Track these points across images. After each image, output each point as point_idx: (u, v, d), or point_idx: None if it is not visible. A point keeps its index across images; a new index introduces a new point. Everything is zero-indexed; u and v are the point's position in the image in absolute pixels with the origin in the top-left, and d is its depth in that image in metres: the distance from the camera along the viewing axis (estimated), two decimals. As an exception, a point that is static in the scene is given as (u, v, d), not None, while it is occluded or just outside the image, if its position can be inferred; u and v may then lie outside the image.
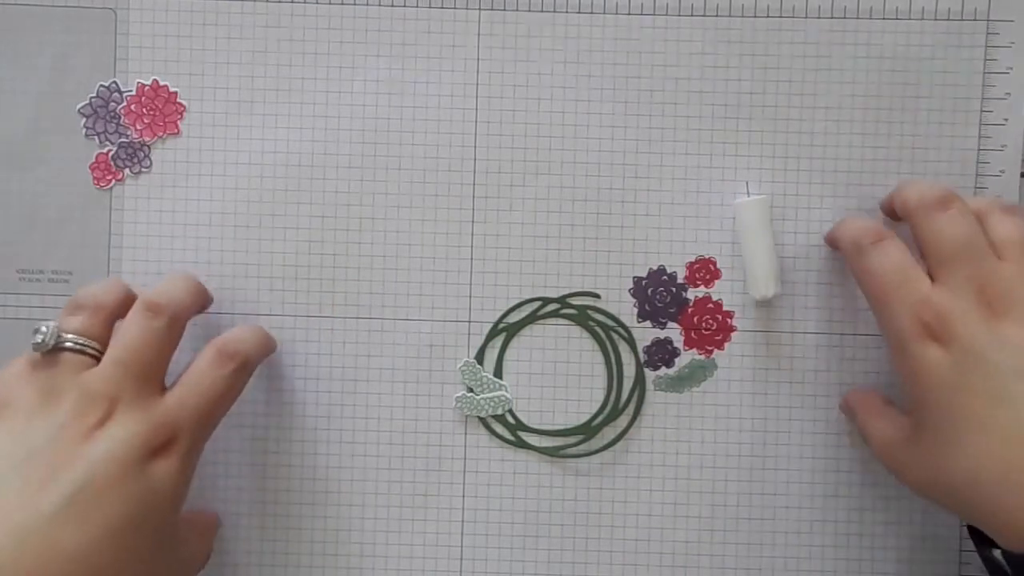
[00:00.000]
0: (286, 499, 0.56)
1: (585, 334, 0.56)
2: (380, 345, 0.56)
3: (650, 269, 0.55)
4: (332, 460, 0.56)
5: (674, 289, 0.55)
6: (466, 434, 0.56)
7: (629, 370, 0.56)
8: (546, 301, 0.56)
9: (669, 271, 0.55)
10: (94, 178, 0.56)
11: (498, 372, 0.56)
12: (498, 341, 0.56)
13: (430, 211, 0.55)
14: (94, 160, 0.56)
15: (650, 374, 0.55)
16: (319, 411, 0.56)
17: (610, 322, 0.55)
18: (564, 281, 0.55)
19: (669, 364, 0.55)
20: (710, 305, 0.55)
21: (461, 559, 0.56)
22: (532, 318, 0.56)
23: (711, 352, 0.55)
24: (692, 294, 0.55)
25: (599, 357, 0.56)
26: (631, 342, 0.55)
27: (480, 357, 0.56)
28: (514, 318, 0.56)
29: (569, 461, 0.56)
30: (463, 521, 0.56)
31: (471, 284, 0.56)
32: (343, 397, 0.56)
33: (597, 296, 0.55)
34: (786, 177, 0.55)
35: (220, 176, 0.56)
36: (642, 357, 0.55)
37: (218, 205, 0.56)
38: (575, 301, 0.56)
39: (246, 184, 0.56)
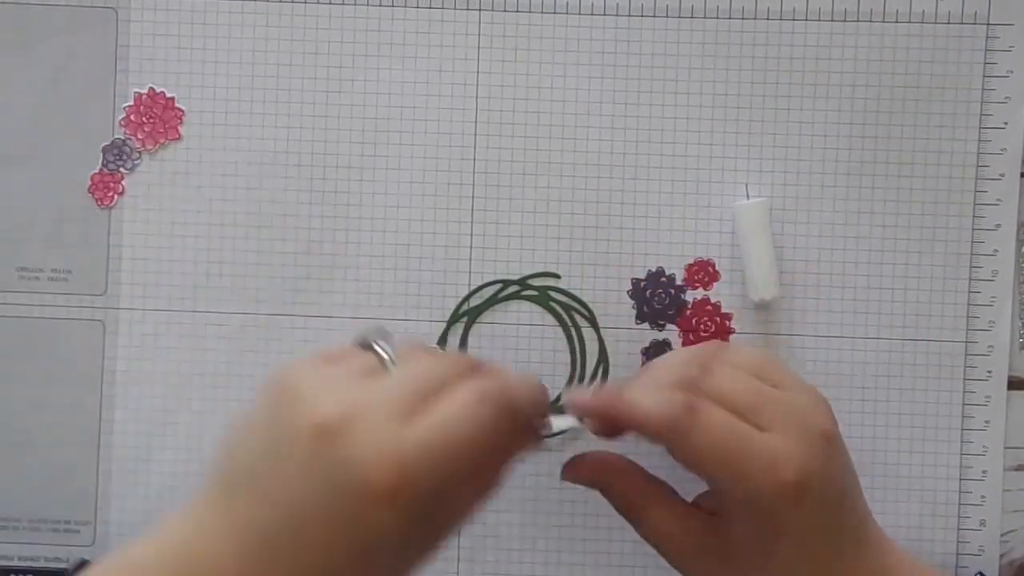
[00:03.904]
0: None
1: (547, 314, 0.56)
2: (378, 345, 0.56)
3: (649, 271, 0.55)
4: (330, 460, 0.56)
5: (672, 291, 0.55)
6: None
7: (592, 347, 0.56)
8: (506, 283, 0.56)
9: (668, 273, 0.55)
10: (96, 199, 0.56)
11: None
12: (459, 326, 0.56)
13: (429, 211, 0.55)
14: (97, 171, 0.56)
15: (648, 375, 0.55)
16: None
17: (571, 302, 0.55)
18: (563, 283, 0.55)
19: (667, 366, 0.55)
20: (709, 307, 0.55)
21: (458, 561, 0.56)
22: (493, 301, 0.56)
23: (709, 354, 0.55)
24: (691, 296, 0.55)
25: (561, 335, 0.56)
26: (592, 320, 0.55)
27: (443, 342, 0.56)
28: (475, 302, 0.56)
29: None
30: (460, 522, 0.56)
31: (470, 285, 0.56)
32: (341, 397, 0.56)
33: (557, 276, 0.55)
34: (786, 180, 0.55)
35: (219, 176, 0.56)
36: (640, 359, 0.55)
37: (217, 205, 0.56)
38: (535, 282, 0.56)
39: (245, 184, 0.56)
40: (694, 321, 0.55)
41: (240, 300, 0.56)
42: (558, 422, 0.46)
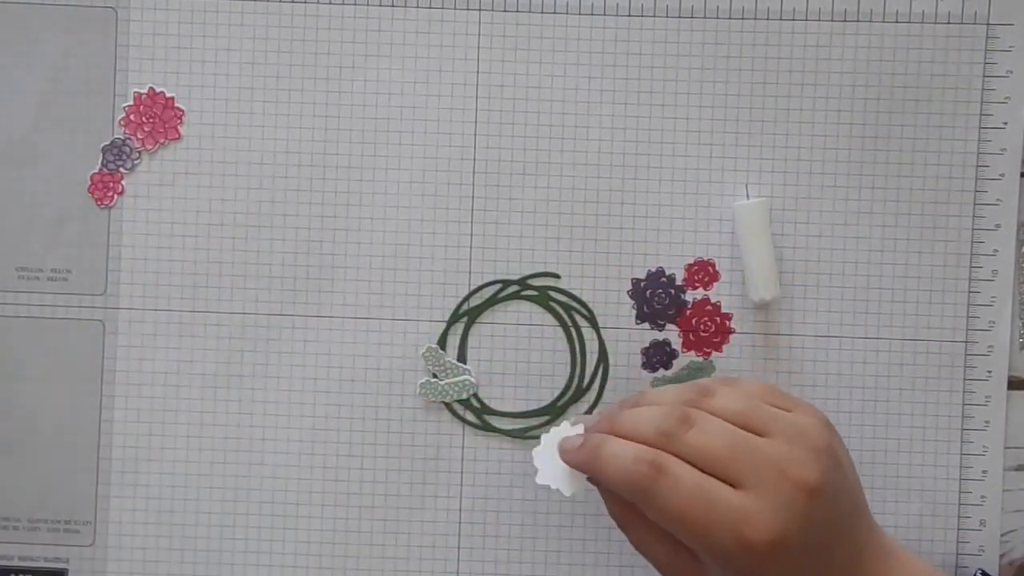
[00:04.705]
0: (282, 499, 0.56)
1: (547, 314, 0.56)
2: (378, 345, 0.56)
3: (649, 271, 0.55)
4: (329, 460, 0.56)
5: (672, 291, 0.55)
6: (464, 435, 0.56)
7: (592, 347, 0.56)
8: (506, 283, 0.56)
9: (668, 273, 0.55)
10: (96, 199, 0.56)
11: (461, 357, 0.56)
12: (459, 326, 0.56)
13: (429, 211, 0.55)
14: (96, 171, 0.56)
15: (648, 375, 0.55)
16: (316, 411, 0.56)
17: (571, 302, 0.55)
18: (563, 283, 0.55)
19: (667, 366, 0.55)
20: (708, 307, 0.55)
21: (458, 560, 0.56)
22: (492, 301, 0.56)
23: (709, 354, 0.55)
24: (691, 296, 0.55)
25: (561, 335, 0.56)
26: (592, 320, 0.55)
27: (443, 342, 0.56)
28: (475, 302, 0.56)
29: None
30: (460, 522, 0.56)
31: (470, 285, 0.56)
32: (340, 397, 0.56)
33: (557, 276, 0.55)
34: (785, 180, 0.55)
35: (219, 176, 0.56)
36: (640, 359, 0.55)
37: (217, 205, 0.56)
38: (535, 282, 0.56)
39: (245, 184, 0.56)
40: (694, 321, 0.55)
41: (240, 300, 0.56)
42: (566, 485, 0.49)
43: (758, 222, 0.54)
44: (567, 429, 0.50)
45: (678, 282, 0.55)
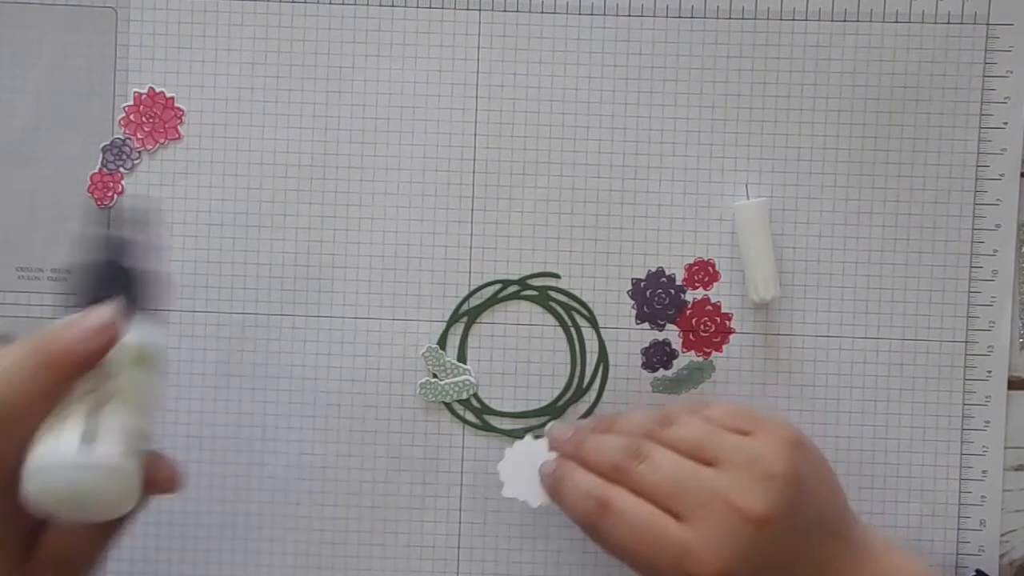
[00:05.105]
0: (282, 499, 0.56)
1: (547, 314, 0.56)
2: (378, 345, 0.56)
3: (649, 271, 0.55)
4: (329, 460, 0.56)
5: (672, 291, 0.55)
6: (464, 435, 0.56)
7: (592, 347, 0.56)
8: (506, 283, 0.56)
9: (668, 273, 0.55)
10: (96, 199, 0.56)
11: (461, 357, 0.56)
12: (460, 326, 0.56)
13: (429, 211, 0.55)
14: (96, 171, 0.56)
15: (648, 375, 0.55)
16: (316, 411, 0.56)
17: (571, 302, 0.55)
18: (563, 283, 0.56)
19: (667, 366, 0.55)
20: (709, 307, 0.55)
21: (458, 560, 0.56)
22: (493, 301, 0.56)
23: (709, 354, 0.55)
24: (691, 296, 0.55)
25: (561, 335, 0.56)
26: (592, 320, 0.55)
27: (443, 342, 0.56)
28: (475, 302, 0.56)
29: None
30: (460, 522, 0.56)
31: (470, 285, 0.56)
32: (340, 397, 0.56)
33: (557, 276, 0.55)
34: (785, 180, 0.55)
35: (219, 176, 0.56)
36: (640, 359, 0.55)
37: (217, 204, 0.56)
38: (535, 282, 0.56)
39: (245, 184, 0.56)
40: (694, 321, 0.55)
41: (240, 300, 0.56)
42: (532, 497, 0.51)
43: (758, 222, 0.54)
44: (530, 443, 0.52)
45: (678, 282, 0.55)
